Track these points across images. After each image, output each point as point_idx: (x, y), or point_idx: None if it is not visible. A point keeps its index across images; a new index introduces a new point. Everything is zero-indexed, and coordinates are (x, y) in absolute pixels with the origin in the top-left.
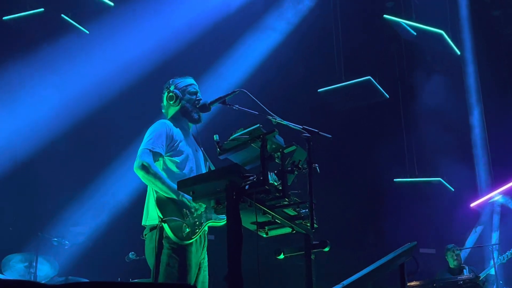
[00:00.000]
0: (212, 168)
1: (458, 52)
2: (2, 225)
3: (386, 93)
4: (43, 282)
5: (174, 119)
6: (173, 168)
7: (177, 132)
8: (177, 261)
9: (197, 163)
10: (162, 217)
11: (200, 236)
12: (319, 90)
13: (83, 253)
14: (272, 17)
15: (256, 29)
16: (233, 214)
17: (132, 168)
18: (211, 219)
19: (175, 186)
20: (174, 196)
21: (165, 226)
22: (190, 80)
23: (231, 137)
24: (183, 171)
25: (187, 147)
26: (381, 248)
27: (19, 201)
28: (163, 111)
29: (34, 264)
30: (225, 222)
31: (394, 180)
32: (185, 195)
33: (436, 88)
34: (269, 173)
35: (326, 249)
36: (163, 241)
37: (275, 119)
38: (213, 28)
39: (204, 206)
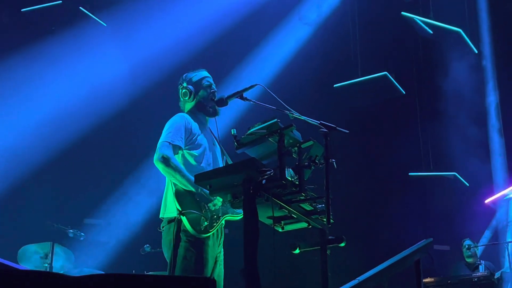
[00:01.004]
0: (229, 162)
1: (476, 51)
2: (19, 217)
3: (402, 88)
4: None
5: (192, 113)
6: (191, 161)
7: (195, 126)
8: (194, 254)
9: (214, 156)
10: (180, 209)
11: (217, 229)
12: (335, 86)
13: (98, 245)
14: (291, 15)
15: (275, 27)
16: (250, 208)
17: (151, 162)
18: (228, 213)
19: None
20: (193, 189)
21: (183, 218)
22: (203, 73)
23: (248, 131)
24: (201, 165)
25: (204, 140)
26: (395, 244)
27: (34, 193)
28: (180, 105)
29: (50, 255)
30: (242, 216)
31: (409, 174)
32: (204, 189)
33: (453, 83)
34: (286, 168)
35: (342, 244)
36: (180, 234)
37: (293, 114)
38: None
39: (221, 200)
